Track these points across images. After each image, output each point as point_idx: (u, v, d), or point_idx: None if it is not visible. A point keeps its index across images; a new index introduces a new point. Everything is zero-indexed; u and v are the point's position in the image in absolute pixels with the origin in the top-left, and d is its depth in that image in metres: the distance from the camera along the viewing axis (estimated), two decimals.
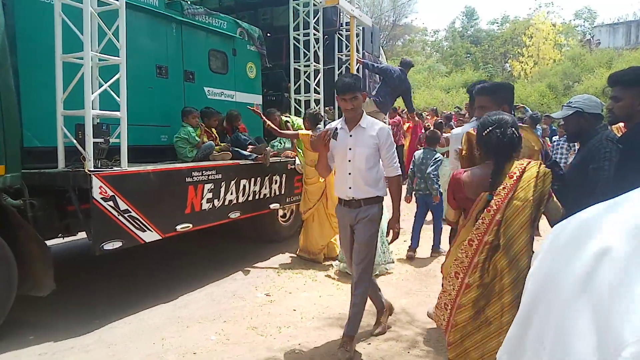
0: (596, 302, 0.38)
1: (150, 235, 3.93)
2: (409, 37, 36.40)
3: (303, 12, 6.44)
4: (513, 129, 2.13)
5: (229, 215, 4.79)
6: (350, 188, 3.13)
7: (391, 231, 3.21)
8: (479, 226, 2.05)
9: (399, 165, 3.18)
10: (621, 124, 2.81)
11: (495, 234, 2.01)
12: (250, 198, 5.09)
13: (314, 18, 6.44)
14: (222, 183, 4.66)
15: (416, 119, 10.74)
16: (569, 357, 0.39)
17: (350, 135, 3.13)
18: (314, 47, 6.52)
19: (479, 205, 2.10)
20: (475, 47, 33.35)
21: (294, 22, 6.51)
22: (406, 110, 14.38)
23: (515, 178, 2.03)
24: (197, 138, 4.99)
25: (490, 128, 2.12)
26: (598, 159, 2.41)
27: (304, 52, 6.52)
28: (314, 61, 6.50)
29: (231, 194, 4.77)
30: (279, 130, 5.48)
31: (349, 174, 3.12)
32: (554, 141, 7.78)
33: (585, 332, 0.38)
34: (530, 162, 2.11)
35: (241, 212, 4.93)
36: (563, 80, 23.96)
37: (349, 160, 3.11)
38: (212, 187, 4.54)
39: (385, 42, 32.38)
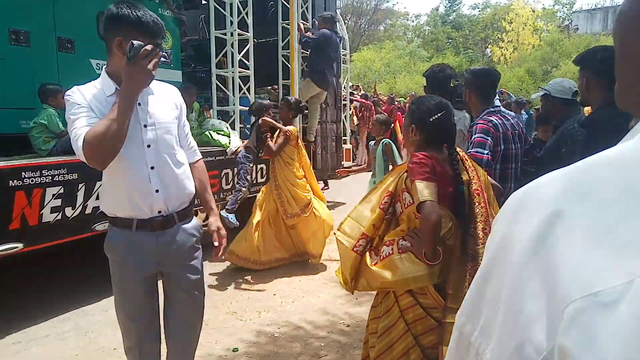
0: (546, 264, 0.38)
1: None
2: (390, 21, 34.53)
3: None
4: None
5: (95, 227, 3.36)
6: (157, 192, 1.72)
7: (223, 240, 1.93)
8: (479, 212, 1.72)
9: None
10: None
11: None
12: None
13: None
14: (80, 185, 3.21)
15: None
16: (520, 317, 0.38)
17: (139, 104, 1.71)
18: (241, 11, 4.99)
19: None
20: (456, 32, 31.83)
21: None
22: (378, 95, 13.02)
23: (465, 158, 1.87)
24: (60, 125, 3.52)
25: (438, 114, 1.84)
26: (570, 142, 2.32)
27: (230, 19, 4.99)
28: (240, 29, 4.97)
29: (97, 198, 3.33)
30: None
31: (152, 168, 1.71)
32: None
33: (536, 293, 0.38)
34: None
35: None
36: (542, 66, 23.13)
37: (148, 146, 1.71)
38: (62, 191, 3.09)
39: (366, 26, 30.63)
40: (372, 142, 4.31)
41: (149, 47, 1.56)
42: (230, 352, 2.80)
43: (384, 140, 4.10)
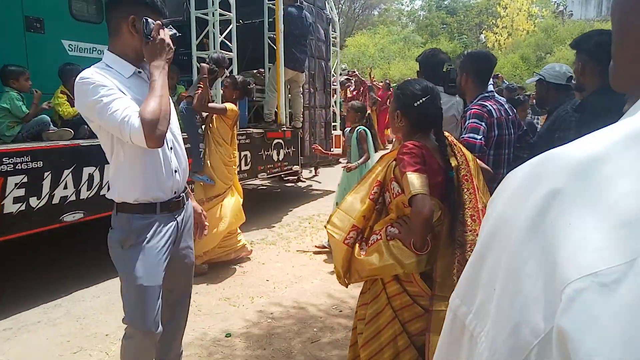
0: (545, 244, 0.36)
1: None
2: (384, 6, 33.91)
3: None
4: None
5: (63, 218, 3.15)
6: (176, 172, 1.75)
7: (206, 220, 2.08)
8: (467, 198, 1.68)
9: None
10: None
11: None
12: (104, 192, 3.44)
13: None
14: (47, 174, 3.00)
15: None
16: (517, 298, 0.37)
17: None
18: None
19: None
20: (451, 17, 31.35)
21: None
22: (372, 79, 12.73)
23: (454, 143, 1.81)
24: (23, 108, 3.29)
25: (422, 99, 1.75)
26: (564, 127, 2.28)
27: None
28: (222, 9, 4.71)
29: (65, 188, 3.12)
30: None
31: (170, 148, 1.75)
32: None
33: (534, 273, 0.36)
34: None
35: (86, 212, 3.28)
36: (536, 52, 22.91)
37: None
38: (25, 180, 2.88)
39: (360, 10, 30.09)
40: (348, 130, 4.15)
41: (158, 22, 1.59)
42: (223, 337, 2.78)
43: (358, 127, 3.95)
